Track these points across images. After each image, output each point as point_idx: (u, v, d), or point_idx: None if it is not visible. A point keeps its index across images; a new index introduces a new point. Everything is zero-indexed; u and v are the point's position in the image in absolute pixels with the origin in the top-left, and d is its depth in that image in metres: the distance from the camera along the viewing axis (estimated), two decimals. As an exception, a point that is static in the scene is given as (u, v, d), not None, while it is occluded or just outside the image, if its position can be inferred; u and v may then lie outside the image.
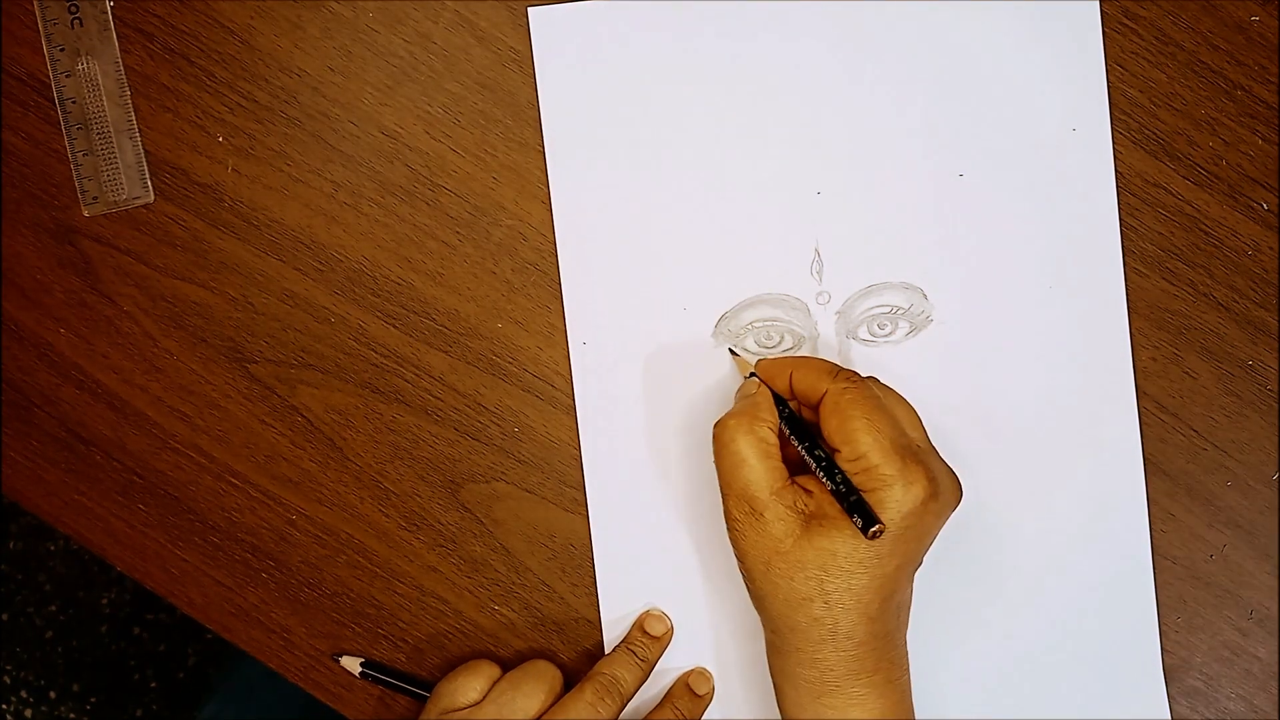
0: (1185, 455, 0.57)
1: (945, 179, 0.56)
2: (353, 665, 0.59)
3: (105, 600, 1.22)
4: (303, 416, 0.58)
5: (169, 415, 0.58)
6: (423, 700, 0.57)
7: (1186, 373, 0.57)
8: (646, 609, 0.58)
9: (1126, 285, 0.56)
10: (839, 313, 0.57)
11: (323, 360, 0.57)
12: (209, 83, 0.56)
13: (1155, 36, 0.55)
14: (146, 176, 0.56)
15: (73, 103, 0.56)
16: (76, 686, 1.22)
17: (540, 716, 0.54)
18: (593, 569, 0.58)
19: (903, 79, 0.56)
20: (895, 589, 0.50)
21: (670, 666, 0.58)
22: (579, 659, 0.59)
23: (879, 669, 0.50)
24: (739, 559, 0.51)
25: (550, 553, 0.58)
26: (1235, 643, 0.58)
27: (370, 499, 0.58)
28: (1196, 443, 0.57)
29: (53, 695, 1.22)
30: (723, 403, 0.56)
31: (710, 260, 0.56)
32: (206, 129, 0.56)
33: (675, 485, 0.57)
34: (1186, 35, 0.55)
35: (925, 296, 0.56)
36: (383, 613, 0.59)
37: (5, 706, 1.20)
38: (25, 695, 1.21)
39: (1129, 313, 0.56)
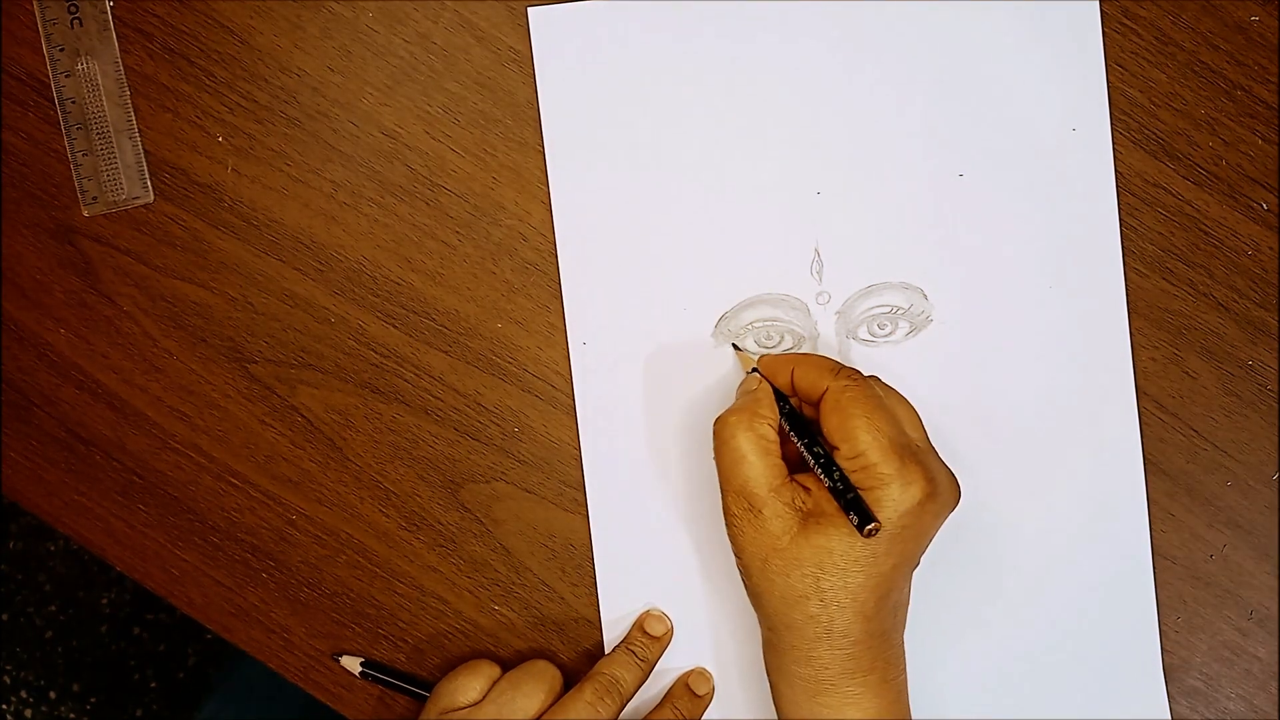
0: (1185, 455, 0.57)
1: (945, 179, 0.56)
2: (353, 665, 0.59)
3: (105, 600, 1.22)
4: (303, 416, 0.58)
5: (169, 415, 0.58)
6: (422, 700, 0.57)
7: (1186, 373, 0.57)
8: (646, 609, 0.58)
9: (1126, 285, 0.56)
10: (839, 313, 0.57)
11: (323, 360, 0.57)
12: (209, 83, 0.56)
13: (1155, 36, 0.55)
14: (146, 176, 0.56)
15: (72, 103, 0.56)
16: (76, 686, 1.22)
17: (540, 716, 0.54)
18: (593, 569, 0.58)
19: (903, 79, 0.56)
20: (891, 588, 0.50)
21: (670, 666, 0.58)
22: (579, 659, 0.59)
23: (874, 668, 0.50)
24: (736, 555, 0.51)
25: (550, 553, 0.58)
26: (1235, 643, 0.58)
27: (370, 499, 0.58)
28: (1196, 443, 0.57)
29: (53, 695, 1.21)
30: (723, 403, 0.56)
31: (710, 260, 0.56)
32: (206, 129, 0.56)
33: (675, 485, 0.57)
34: (1186, 35, 0.55)
35: (925, 296, 0.56)
36: (383, 613, 0.59)
37: (5, 706, 1.20)
38: (25, 695, 1.21)
39: (1129, 313, 0.56)
